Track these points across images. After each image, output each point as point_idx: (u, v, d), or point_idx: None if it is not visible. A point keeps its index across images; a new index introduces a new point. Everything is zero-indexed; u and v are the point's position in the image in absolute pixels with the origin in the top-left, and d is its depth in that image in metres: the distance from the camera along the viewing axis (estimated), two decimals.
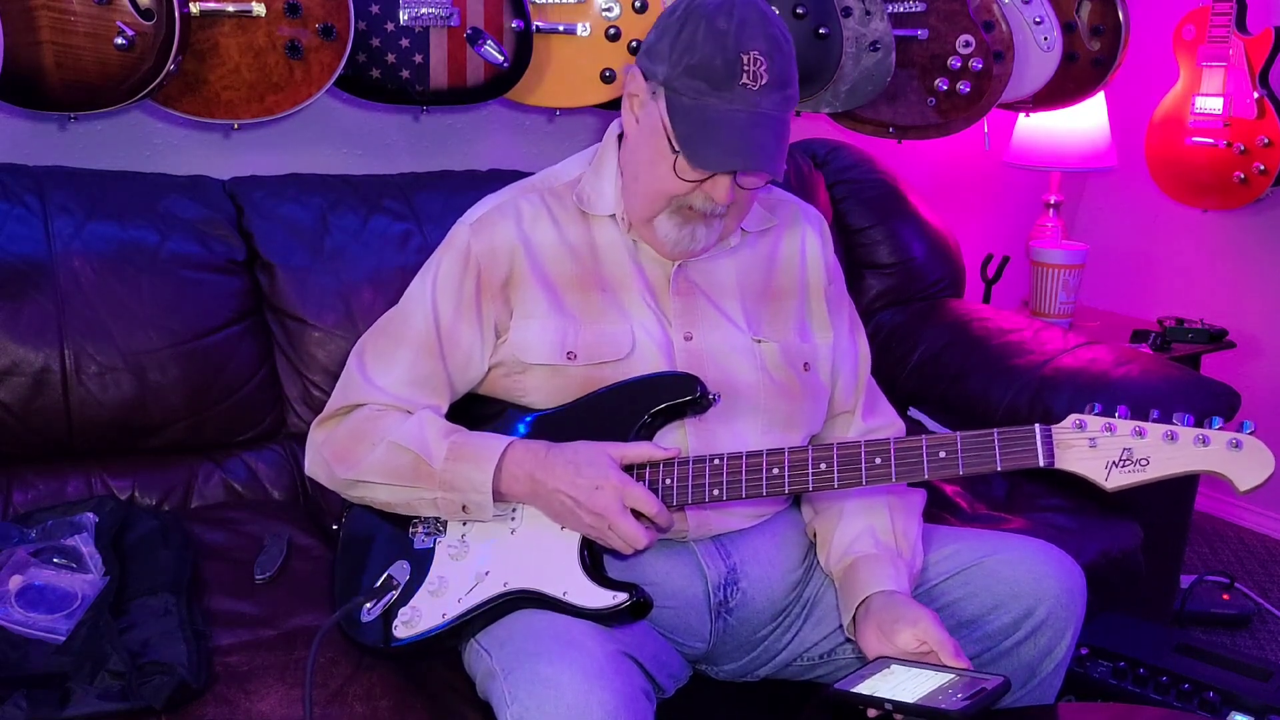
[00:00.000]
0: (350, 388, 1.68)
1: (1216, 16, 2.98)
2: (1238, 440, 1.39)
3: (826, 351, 1.77)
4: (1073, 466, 1.44)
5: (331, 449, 1.66)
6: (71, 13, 1.95)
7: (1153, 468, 1.41)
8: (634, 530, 1.49)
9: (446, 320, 1.66)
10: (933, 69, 2.67)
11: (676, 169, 1.55)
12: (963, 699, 1.37)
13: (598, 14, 2.38)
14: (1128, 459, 1.42)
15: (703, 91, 1.51)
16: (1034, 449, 1.45)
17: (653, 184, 1.60)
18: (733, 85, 1.49)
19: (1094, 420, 1.44)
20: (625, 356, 1.64)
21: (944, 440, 1.48)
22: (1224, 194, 3.07)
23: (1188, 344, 3.03)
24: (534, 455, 1.55)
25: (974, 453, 1.47)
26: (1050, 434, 1.45)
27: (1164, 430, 1.41)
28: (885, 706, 1.40)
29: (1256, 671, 1.98)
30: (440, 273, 1.68)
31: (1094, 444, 1.43)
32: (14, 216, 2.06)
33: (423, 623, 1.57)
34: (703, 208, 1.59)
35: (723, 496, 1.55)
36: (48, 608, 1.63)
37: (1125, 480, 1.42)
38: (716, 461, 1.55)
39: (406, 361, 1.66)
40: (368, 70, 2.25)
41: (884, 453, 1.50)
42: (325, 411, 1.71)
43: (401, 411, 1.63)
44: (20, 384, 1.99)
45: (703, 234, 1.63)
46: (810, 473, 1.52)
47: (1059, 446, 1.44)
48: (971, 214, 3.52)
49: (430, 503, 1.59)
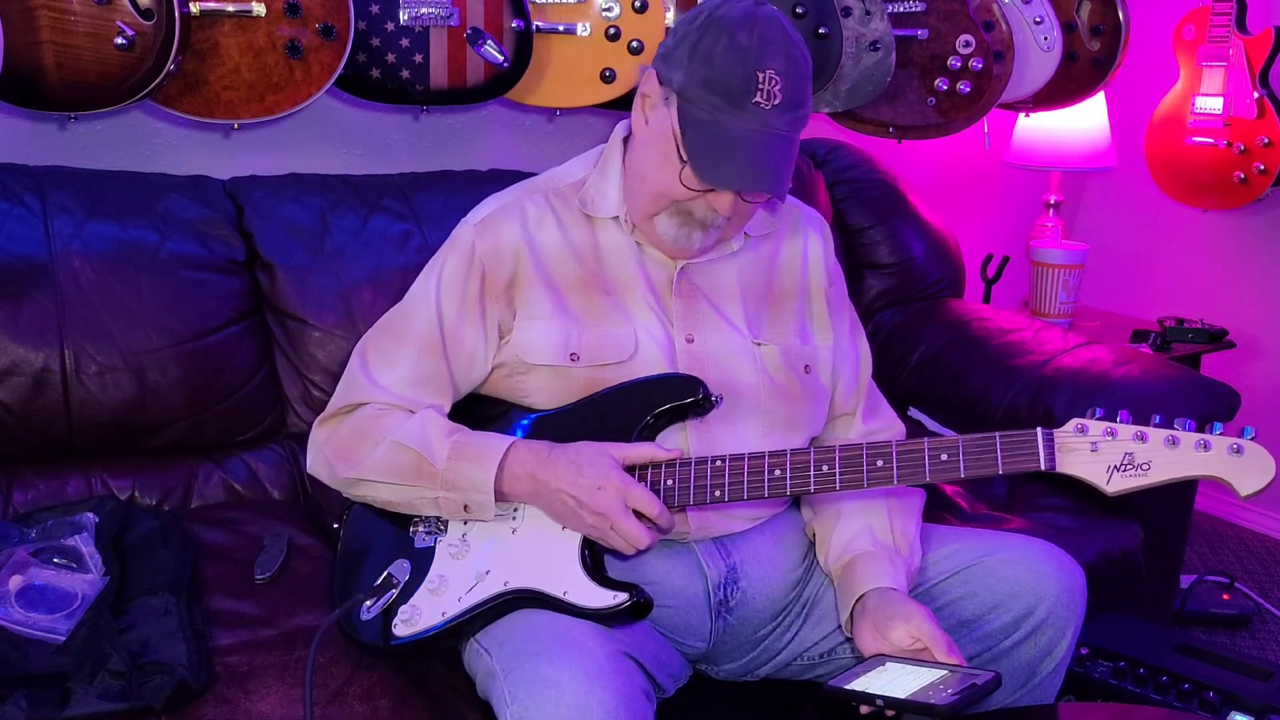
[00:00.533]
0: (353, 387, 1.69)
1: (1216, 16, 2.98)
2: (1239, 445, 1.39)
3: (827, 354, 1.77)
4: (1074, 470, 1.44)
5: (333, 448, 1.66)
6: (71, 13, 1.95)
7: (1154, 472, 1.41)
8: (636, 530, 1.49)
9: (450, 320, 1.66)
10: (933, 69, 2.67)
11: (683, 178, 1.55)
12: (952, 694, 1.37)
13: (598, 14, 2.38)
14: (1129, 463, 1.42)
15: (717, 107, 1.51)
16: (1035, 452, 1.45)
17: (657, 186, 1.60)
18: (746, 103, 1.49)
19: (1095, 424, 1.44)
20: (628, 359, 1.64)
21: (946, 443, 1.48)
22: (1224, 194, 3.07)
23: (1188, 344, 3.03)
24: (536, 455, 1.55)
25: (975, 456, 1.47)
26: (1052, 437, 1.45)
27: (1165, 435, 1.41)
28: (877, 702, 1.40)
29: (1256, 671, 1.98)
30: (444, 272, 1.68)
31: (1095, 448, 1.43)
32: (14, 216, 2.06)
33: (422, 621, 1.57)
34: (703, 216, 1.60)
35: (724, 497, 1.55)
36: (48, 608, 1.63)
37: (1126, 485, 1.42)
38: (718, 463, 1.55)
39: (409, 361, 1.66)
40: (368, 70, 2.25)
41: (886, 455, 1.50)
42: (327, 410, 1.71)
43: (404, 411, 1.64)
44: (20, 384, 1.99)
45: (700, 237, 1.64)
46: (812, 474, 1.52)
47: (1060, 450, 1.44)
48: (971, 214, 3.52)
49: (432, 502, 1.59)
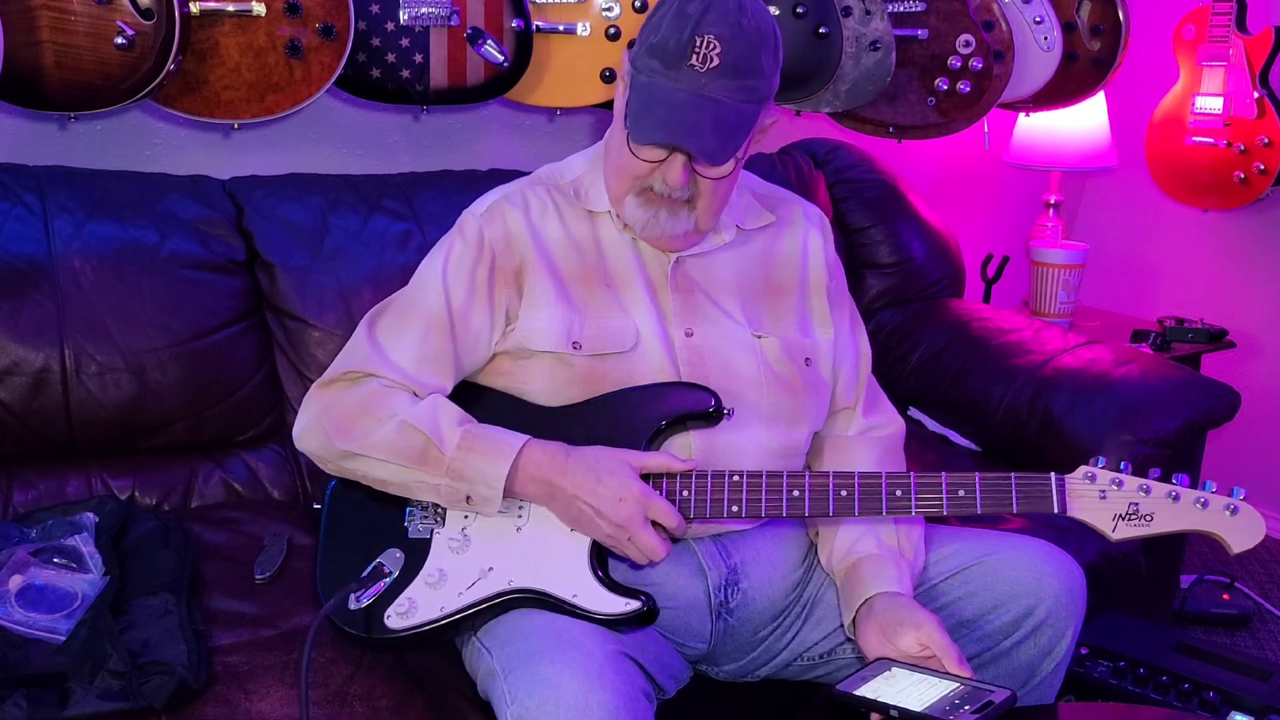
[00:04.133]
0: (357, 353, 1.65)
1: (1216, 16, 2.98)
2: (1234, 506, 1.50)
3: (827, 347, 1.77)
4: (1082, 515, 1.52)
5: (332, 417, 1.62)
6: (72, 12, 1.95)
7: (1156, 523, 1.51)
8: (654, 543, 1.50)
9: (458, 301, 1.65)
10: (933, 69, 2.67)
11: (630, 146, 1.58)
12: (971, 711, 1.36)
13: (598, 14, 2.38)
14: (1134, 513, 1.51)
15: (655, 70, 1.54)
16: (1049, 497, 1.52)
17: (617, 161, 1.63)
18: (681, 65, 1.51)
19: (1103, 473, 1.52)
20: (629, 350, 1.64)
21: (964, 480, 1.54)
22: (1224, 194, 3.07)
23: (1188, 344, 3.02)
24: (552, 458, 1.55)
25: (992, 495, 1.53)
26: (1064, 484, 1.52)
27: (1167, 490, 1.51)
28: (891, 713, 1.39)
29: (1256, 671, 1.98)
30: (451, 256, 1.67)
31: (1104, 496, 1.52)
32: (14, 216, 2.06)
33: (418, 615, 1.55)
34: (661, 191, 1.60)
35: (742, 513, 1.56)
36: (48, 608, 1.62)
37: (1130, 533, 1.51)
38: (736, 478, 1.55)
39: (417, 338, 1.64)
40: (368, 70, 2.25)
41: (905, 486, 1.54)
42: (329, 374, 1.66)
43: (410, 393, 1.62)
44: (20, 384, 1.99)
45: (666, 219, 1.62)
46: (831, 499, 1.55)
47: (1071, 496, 1.52)
48: (971, 214, 3.52)
49: (432, 488, 1.57)
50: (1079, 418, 2.38)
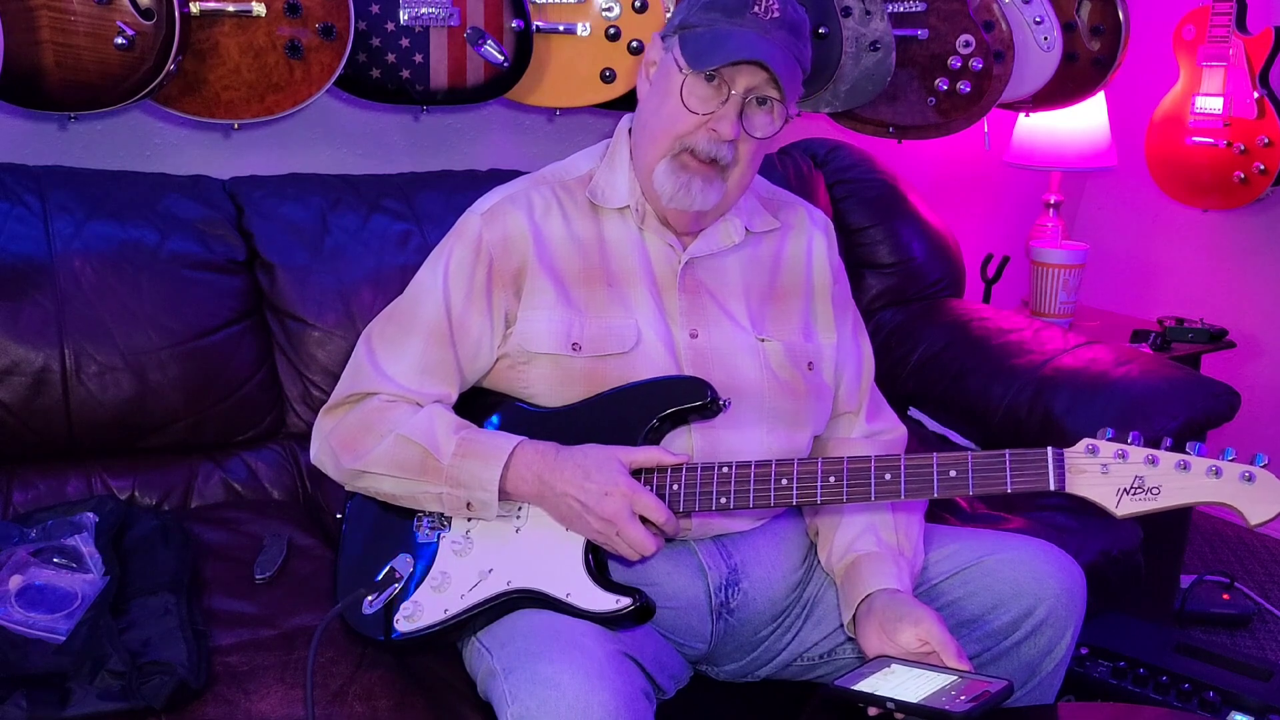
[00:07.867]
0: (359, 375, 1.68)
1: (1216, 16, 2.98)
2: (1250, 473, 1.37)
3: (830, 352, 1.77)
4: (1083, 491, 1.42)
5: (338, 438, 1.65)
6: (72, 12, 1.95)
7: (1164, 496, 1.39)
8: (642, 537, 1.50)
9: (458, 308, 1.65)
10: (933, 69, 2.67)
11: (684, 94, 1.57)
12: (967, 701, 1.36)
13: (598, 14, 2.38)
14: (1139, 486, 1.40)
15: (715, 21, 1.57)
16: (1045, 472, 1.43)
17: (661, 124, 1.62)
18: (745, 13, 1.56)
19: (1106, 445, 1.41)
20: (629, 350, 1.64)
21: (955, 459, 1.47)
22: (1224, 194, 3.07)
23: (1188, 344, 3.03)
24: (543, 456, 1.55)
25: (984, 473, 1.45)
26: (1062, 457, 1.43)
27: (1177, 459, 1.39)
28: (887, 705, 1.39)
29: (1256, 671, 1.98)
30: (451, 261, 1.67)
31: (1106, 470, 1.41)
32: (14, 216, 2.06)
33: (424, 617, 1.57)
34: (704, 150, 1.59)
35: (730, 505, 1.55)
36: (48, 607, 1.62)
37: (1136, 508, 1.40)
38: (725, 469, 1.55)
39: (417, 349, 1.65)
40: (368, 70, 2.25)
41: (894, 469, 1.49)
42: (333, 399, 1.70)
43: (411, 404, 1.63)
44: (20, 384, 1.99)
45: (700, 188, 1.61)
46: (819, 486, 1.52)
47: (1070, 470, 1.42)
48: (971, 214, 3.52)
49: (435, 498, 1.59)
50: (1079, 418, 2.38)
